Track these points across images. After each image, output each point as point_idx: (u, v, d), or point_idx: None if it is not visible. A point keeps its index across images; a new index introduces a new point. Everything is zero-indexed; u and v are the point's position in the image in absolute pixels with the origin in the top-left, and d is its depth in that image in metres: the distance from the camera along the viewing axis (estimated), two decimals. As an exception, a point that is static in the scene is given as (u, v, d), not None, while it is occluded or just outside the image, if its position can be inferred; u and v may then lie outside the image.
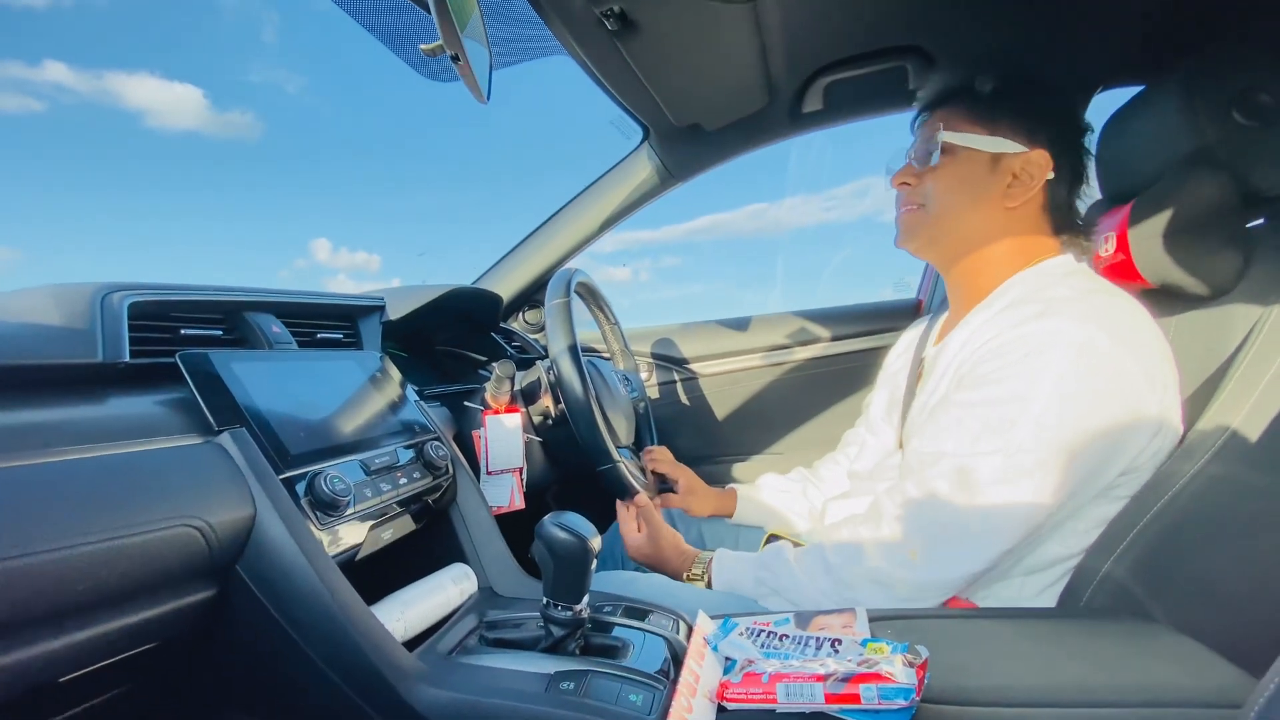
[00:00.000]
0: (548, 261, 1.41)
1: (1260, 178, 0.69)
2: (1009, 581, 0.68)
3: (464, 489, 0.78)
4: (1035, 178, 0.70)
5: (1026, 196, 0.71)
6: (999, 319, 0.68)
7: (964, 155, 0.72)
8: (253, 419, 0.57)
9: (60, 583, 0.41)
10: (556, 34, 0.82)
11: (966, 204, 0.73)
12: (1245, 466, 0.60)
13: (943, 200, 0.74)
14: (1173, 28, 0.85)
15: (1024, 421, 0.61)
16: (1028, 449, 0.61)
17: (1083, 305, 0.64)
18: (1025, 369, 0.62)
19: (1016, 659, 0.53)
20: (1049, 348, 0.62)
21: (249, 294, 0.73)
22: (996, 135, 0.71)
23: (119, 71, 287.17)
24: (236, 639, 0.56)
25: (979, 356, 0.66)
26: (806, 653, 0.51)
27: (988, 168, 0.72)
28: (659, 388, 1.50)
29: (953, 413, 0.66)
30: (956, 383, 0.69)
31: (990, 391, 0.64)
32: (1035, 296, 0.67)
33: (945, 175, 0.74)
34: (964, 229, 0.74)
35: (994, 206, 0.72)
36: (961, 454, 0.63)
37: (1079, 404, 0.61)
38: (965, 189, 0.73)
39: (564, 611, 0.56)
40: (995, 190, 0.72)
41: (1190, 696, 0.47)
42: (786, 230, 3.35)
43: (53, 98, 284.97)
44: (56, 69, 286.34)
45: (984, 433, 0.63)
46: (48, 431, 0.46)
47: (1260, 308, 0.66)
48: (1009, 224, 0.73)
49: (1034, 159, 0.70)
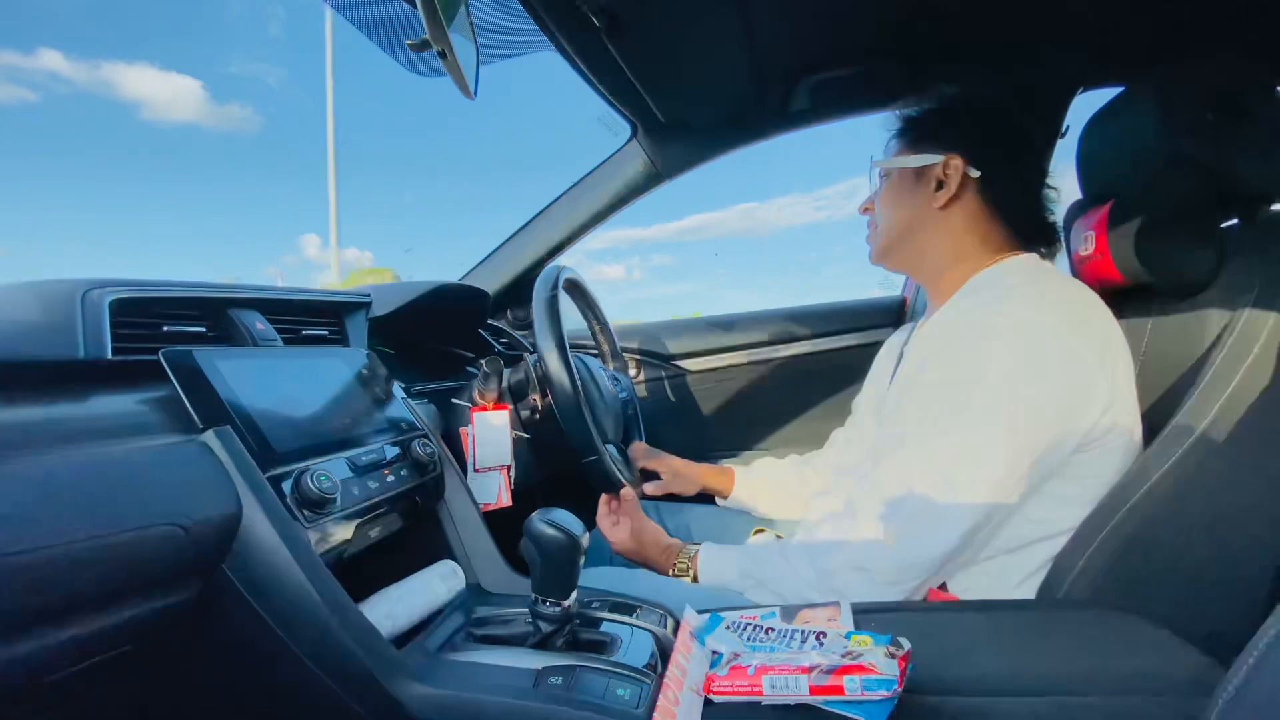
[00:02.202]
0: (535, 258, 1.40)
1: (1235, 179, 0.70)
2: (985, 566, 0.70)
3: (451, 486, 0.78)
4: (953, 178, 0.77)
5: (951, 194, 0.77)
6: (956, 305, 0.73)
7: (896, 175, 0.82)
8: (238, 416, 0.57)
9: (40, 584, 0.41)
10: (544, 30, 0.82)
11: (905, 214, 0.81)
12: (1218, 462, 0.62)
13: (886, 216, 0.83)
14: (1151, 31, 0.87)
15: (977, 400, 0.65)
16: (983, 425, 0.64)
17: (1032, 291, 0.69)
18: (978, 350, 0.66)
19: (996, 650, 0.54)
20: (999, 330, 0.66)
21: (233, 290, 0.72)
22: (917, 153, 0.79)
23: (117, 61, 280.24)
24: (223, 639, 0.55)
25: (938, 342, 0.71)
26: (792, 646, 0.52)
27: (914, 180, 0.80)
28: (647, 385, 1.50)
29: (912, 395, 0.71)
30: (919, 367, 0.72)
31: (946, 373, 0.68)
32: (990, 285, 0.73)
33: (886, 196, 0.84)
34: (910, 236, 0.82)
35: (927, 211, 0.79)
36: (921, 434, 0.67)
37: (1028, 377, 0.64)
38: (900, 202, 0.82)
39: (552, 607, 0.56)
40: (924, 197, 0.79)
41: (1164, 684, 0.49)
42: (776, 229, 3.37)
43: (47, 87, 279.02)
44: (52, 57, 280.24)
45: (942, 413, 0.66)
46: (27, 430, 0.45)
47: (1233, 306, 0.68)
48: (951, 224, 0.79)
49: (950, 163, 0.77)
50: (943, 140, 0.78)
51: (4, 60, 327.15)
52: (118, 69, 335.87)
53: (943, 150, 0.78)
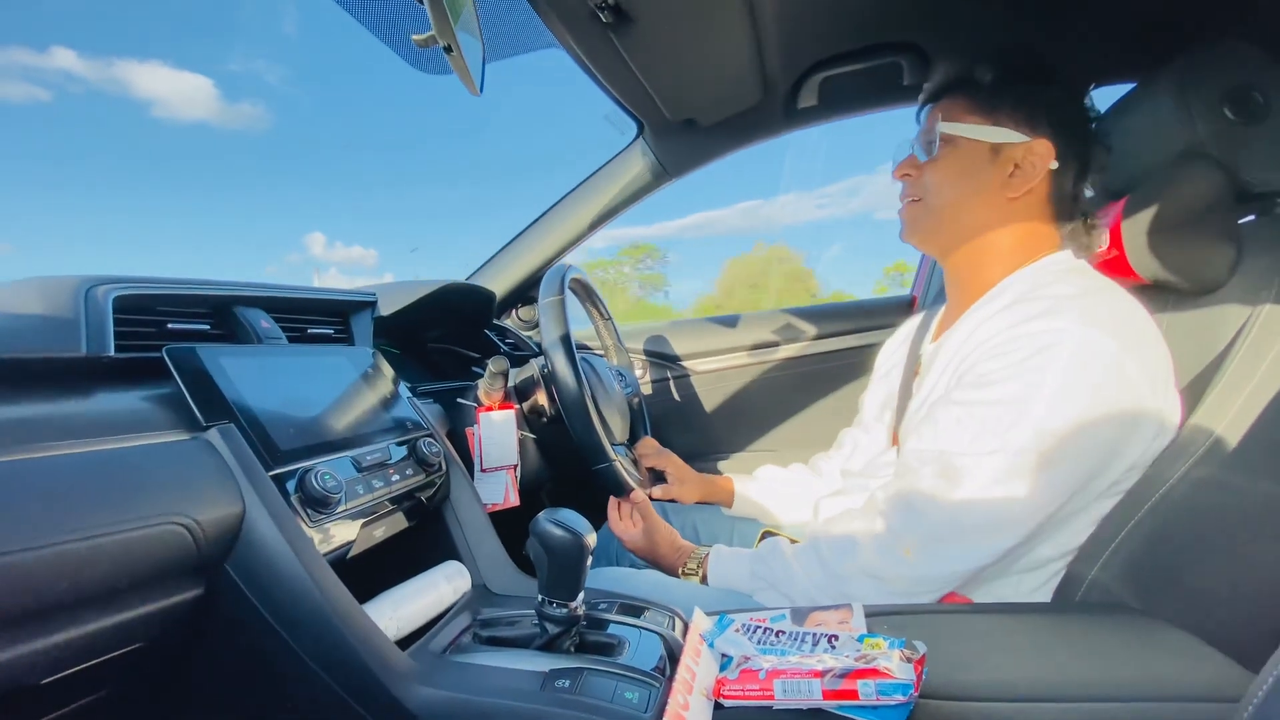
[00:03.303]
0: (542, 258, 1.40)
1: (1251, 174, 0.69)
2: (1005, 580, 0.68)
3: (457, 486, 0.77)
4: (1038, 167, 0.69)
5: (1028, 186, 0.70)
6: (999, 318, 0.67)
7: (964, 146, 0.71)
8: (242, 415, 0.56)
9: (42, 581, 0.40)
10: (551, 27, 0.81)
11: (967, 196, 0.72)
12: (1235, 466, 0.61)
13: (943, 193, 0.73)
14: (1164, 26, 0.86)
15: (1025, 423, 0.60)
16: (1028, 450, 0.60)
17: (1085, 304, 0.63)
18: (1026, 369, 0.61)
19: (1014, 653, 0.53)
20: (1051, 348, 0.61)
21: (238, 288, 0.72)
22: (997, 125, 0.70)
23: (131, 59, 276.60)
24: (225, 639, 0.55)
25: (979, 355, 0.66)
26: (803, 649, 0.51)
27: (988, 158, 0.70)
28: (652, 385, 1.49)
29: (952, 411, 0.65)
30: (956, 381, 0.68)
31: (991, 392, 0.63)
32: (1036, 294, 0.66)
33: (945, 167, 0.73)
34: (965, 221, 0.73)
35: (995, 197, 0.71)
36: (960, 453, 0.63)
37: (1080, 406, 0.60)
38: (965, 180, 0.72)
39: (559, 609, 0.55)
40: (996, 181, 0.71)
41: (1187, 690, 0.47)
42: (779, 227, 3.36)
43: (60, 86, 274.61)
44: (66, 56, 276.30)
45: (984, 433, 0.62)
46: (30, 426, 0.45)
47: (1252, 303, 0.66)
48: (1011, 216, 0.72)
49: (1036, 148, 0.69)
50: (1028, 119, 0.68)
51: (18, 59, 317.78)
52: (131, 67, 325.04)
53: (1029, 130, 0.69)
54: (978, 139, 0.70)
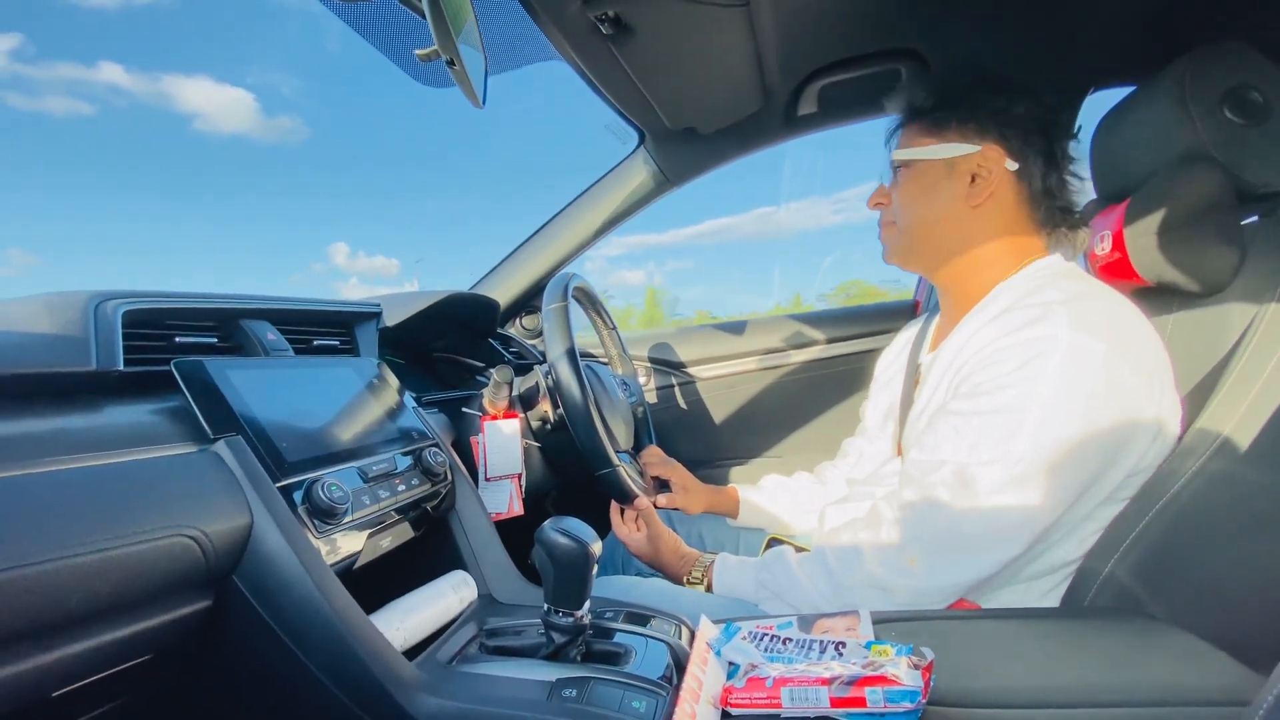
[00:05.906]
0: (545, 267, 1.40)
1: (1253, 175, 0.69)
2: (1013, 587, 0.68)
3: (463, 495, 0.78)
4: (994, 172, 0.71)
5: (990, 191, 0.71)
6: (991, 327, 0.67)
7: (920, 166, 0.75)
8: (249, 427, 0.57)
9: (53, 595, 0.40)
10: (551, 38, 0.82)
11: (934, 211, 0.75)
12: (1244, 464, 0.60)
13: (908, 212, 0.76)
14: (1163, 28, 0.86)
15: (1021, 431, 0.61)
16: (1026, 458, 0.60)
17: (1075, 309, 0.63)
18: (1020, 378, 0.62)
19: (1021, 660, 0.53)
20: (1044, 355, 0.61)
21: (244, 301, 0.72)
22: (945, 141, 0.73)
23: (176, 74, 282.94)
24: (233, 650, 0.55)
25: (973, 365, 0.66)
26: (810, 656, 0.51)
27: (944, 173, 0.73)
28: (657, 392, 1.49)
29: (950, 421, 0.66)
30: (952, 391, 0.68)
31: (987, 401, 0.63)
32: (1027, 302, 0.67)
33: (907, 189, 0.76)
34: (939, 236, 0.75)
35: (960, 208, 0.73)
36: (960, 463, 0.63)
37: (1075, 413, 0.60)
38: (929, 198, 0.75)
39: (565, 618, 0.55)
40: (960, 193, 0.73)
41: (1197, 695, 0.47)
42: (792, 233, 3.35)
43: (105, 100, 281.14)
44: (113, 70, 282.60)
45: (982, 442, 0.62)
46: (40, 441, 0.45)
47: (1256, 304, 0.66)
48: (985, 225, 0.73)
49: (988, 154, 0.71)
50: (975, 129, 0.71)
51: (66, 73, 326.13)
52: (177, 81, 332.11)
53: (977, 139, 0.71)
54: (931, 158, 0.74)
